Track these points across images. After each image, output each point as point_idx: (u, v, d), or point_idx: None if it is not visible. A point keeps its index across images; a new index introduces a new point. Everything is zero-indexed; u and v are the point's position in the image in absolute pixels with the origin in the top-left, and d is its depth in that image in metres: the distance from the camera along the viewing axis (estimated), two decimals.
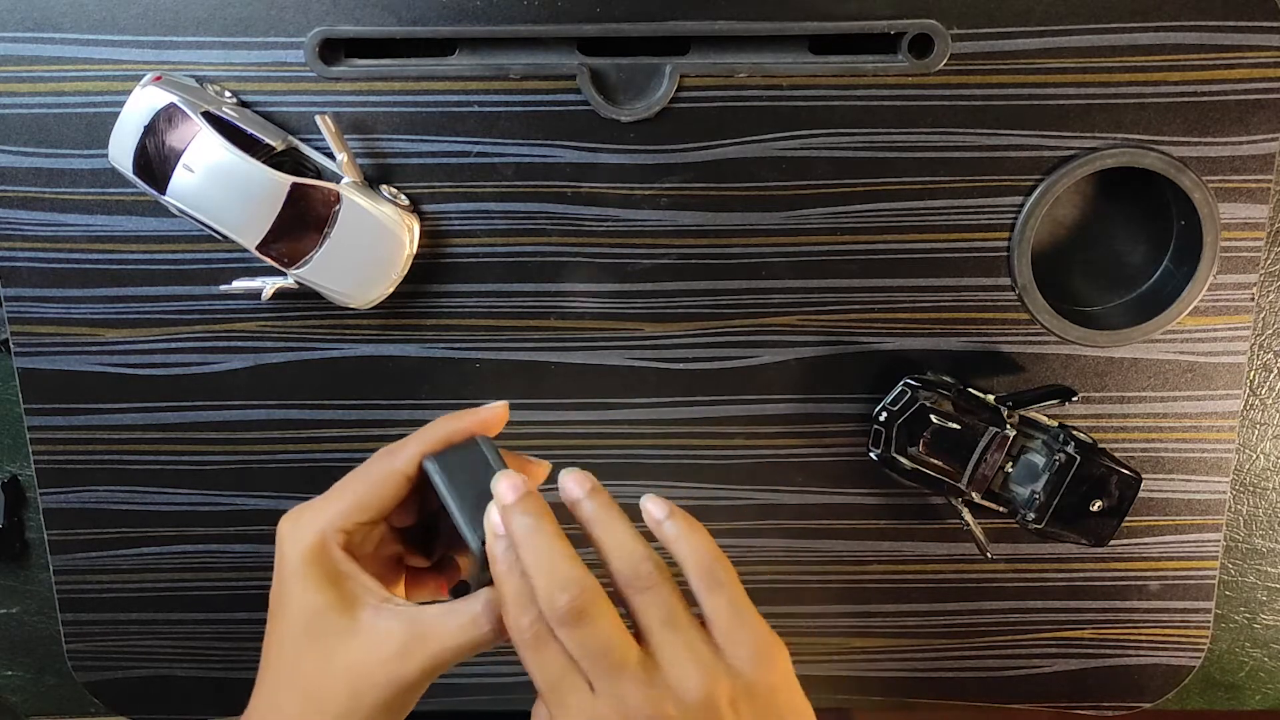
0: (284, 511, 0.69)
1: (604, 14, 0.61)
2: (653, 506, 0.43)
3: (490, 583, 0.42)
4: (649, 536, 0.43)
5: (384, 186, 0.63)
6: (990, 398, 0.65)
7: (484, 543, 0.42)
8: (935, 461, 0.65)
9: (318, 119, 0.60)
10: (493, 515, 0.42)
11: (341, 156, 0.61)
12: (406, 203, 0.64)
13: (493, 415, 0.46)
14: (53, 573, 0.71)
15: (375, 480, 0.45)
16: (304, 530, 0.44)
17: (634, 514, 0.43)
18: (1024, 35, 0.62)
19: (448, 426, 0.45)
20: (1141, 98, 0.63)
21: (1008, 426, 0.64)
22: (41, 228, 0.65)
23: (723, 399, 0.68)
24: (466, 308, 0.66)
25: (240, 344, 0.67)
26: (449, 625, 0.42)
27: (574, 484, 0.42)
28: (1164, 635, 0.72)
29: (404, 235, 0.62)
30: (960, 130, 0.63)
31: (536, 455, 0.69)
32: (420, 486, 0.45)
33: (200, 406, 0.68)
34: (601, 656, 0.39)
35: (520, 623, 0.40)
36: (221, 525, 0.70)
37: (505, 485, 0.42)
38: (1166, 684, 0.73)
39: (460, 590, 0.45)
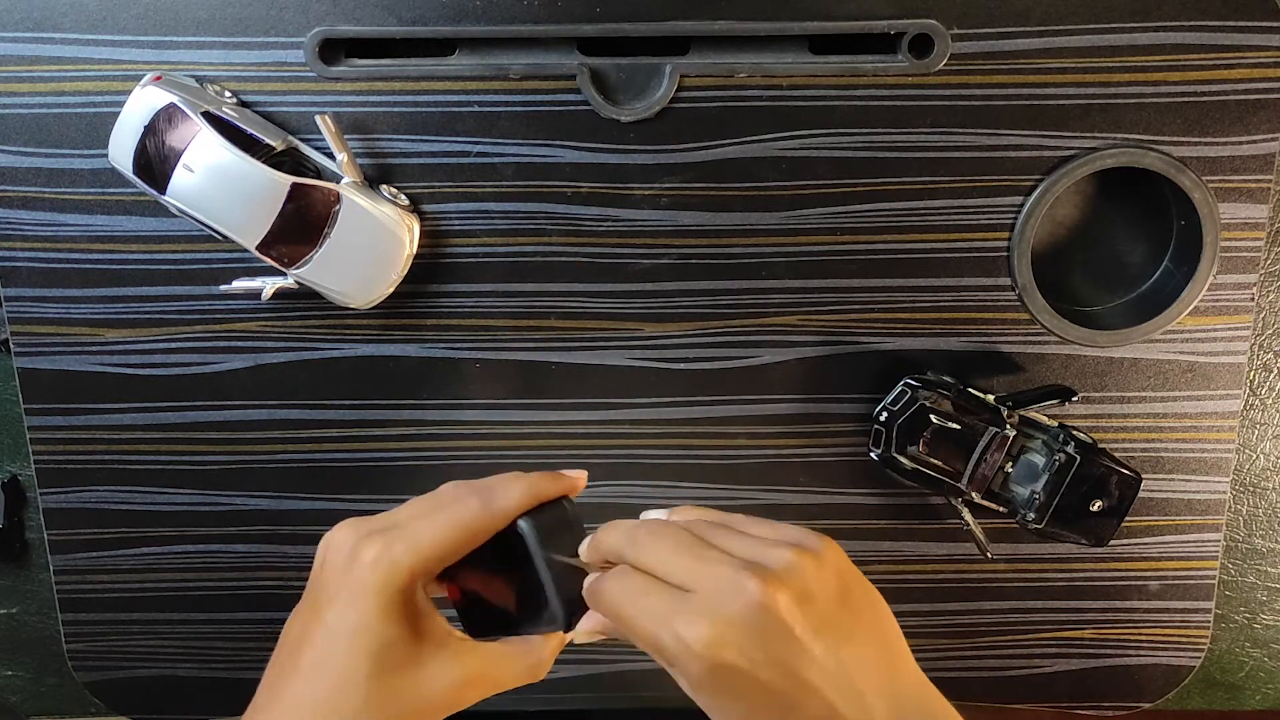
0: (285, 512, 0.70)
1: (604, 14, 0.61)
2: (653, 511, 0.46)
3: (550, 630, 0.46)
4: None
5: (384, 186, 0.63)
6: (990, 398, 0.65)
7: (565, 611, 0.44)
8: (935, 461, 0.65)
9: (318, 119, 0.60)
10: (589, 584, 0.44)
11: (341, 156, 0.61)
12: (406, 203, 0.64)
13: (579, 480, 0.48)
14: (53, 573, 0.71)
15: (470, 529, 0.45)
16: (398, 565, 0.44)
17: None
18: (1024, 35, 0.62)
19: (543, 487, 0.47)
20: (1141, 98, 0.63)
21: (1008, 426, 0.64)
22: (41, 228, 0.65)
23: (723, 399, 0.68)
24: (466, 308, 0.66)
25: (240, 344, 0.67)
26: (516, 667, 0.46)
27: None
28: (1164, 635, 0.72)
29: (404, 235, 0.62)
30: (960, 130, 0.63)
31: (537, 456, 0.69)
32: None
33: (200, 406, 0.68)
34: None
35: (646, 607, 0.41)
36: (222, 525, 0.70)
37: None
38: (1166, 684, 0.73)
39: (477, 612, 0.48)
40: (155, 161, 0.60)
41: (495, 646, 0.47)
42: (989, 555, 0.68)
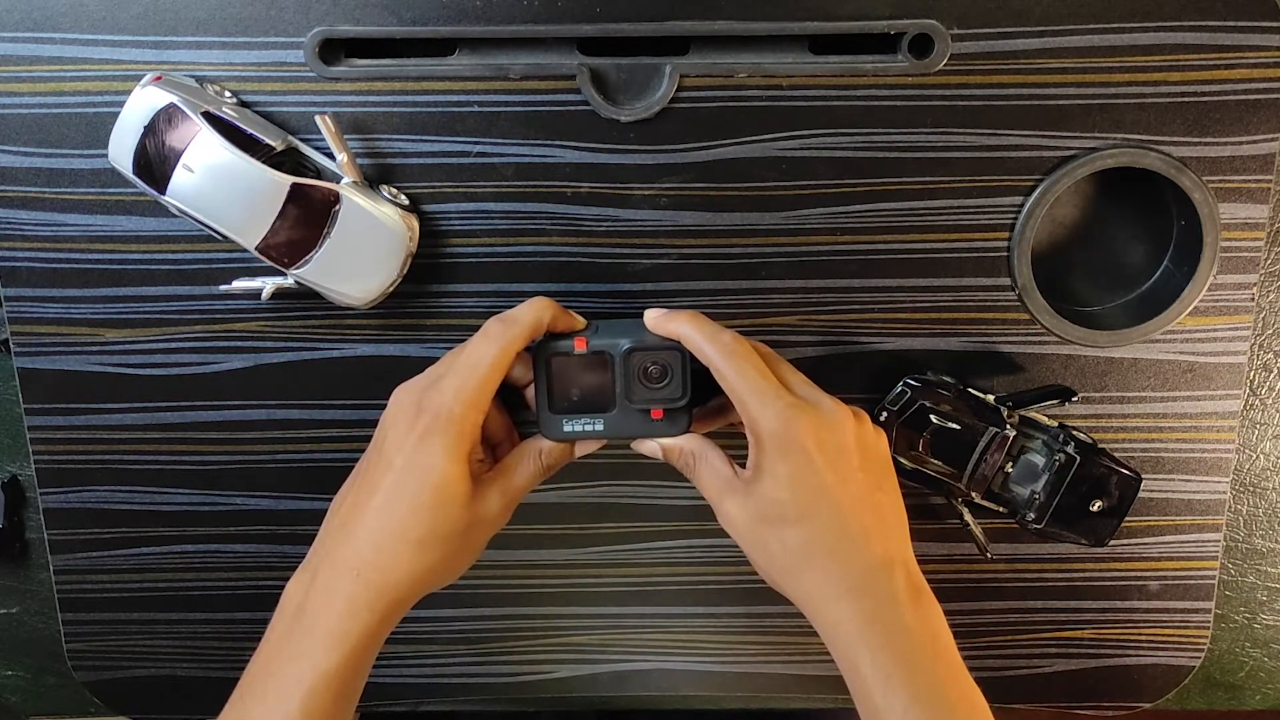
0: (285, 512, 0.70)
1: (604, 14, 0.61)
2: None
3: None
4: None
5: (384, 186, 0.63)
6: (990, 398, 0.65)
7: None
8: (935, 461, 0.65)
9: (318, 119, 0.60)
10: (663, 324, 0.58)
11: (341, 156, 0.61)
12: (406, 203, 0.64)
13: (578, 323, 0.60)
14: (53, 573, 0.71)
15: (500, 364, 0.55)
16: (456, 409, 0.53)
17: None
18: (1024, 35, 0.62)
19: (554, 311, 0.58)
20: (1141, 98, 0.63)
21: (1008, 426, 0.64)
22: (41, 228, 0.65)
23: None
24: (466, 308, 0.66)
25: (240, 344, 0.67)
26: (530, 468, 0.58)
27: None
28: (1164, 635, 0.72)
29: (404, 235, 0.62)
30: (960, 130, 0.63)
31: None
32: None
33: (200, 406, 0.68)
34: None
35: (722, 338, 0.55)
36: (222, 525, 0.70)
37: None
38: (1166, 684, 0.73)
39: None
40: (155, 161, 0.60)
41: (509, 463, 0.58)
42: (989, 555, 0.68)
